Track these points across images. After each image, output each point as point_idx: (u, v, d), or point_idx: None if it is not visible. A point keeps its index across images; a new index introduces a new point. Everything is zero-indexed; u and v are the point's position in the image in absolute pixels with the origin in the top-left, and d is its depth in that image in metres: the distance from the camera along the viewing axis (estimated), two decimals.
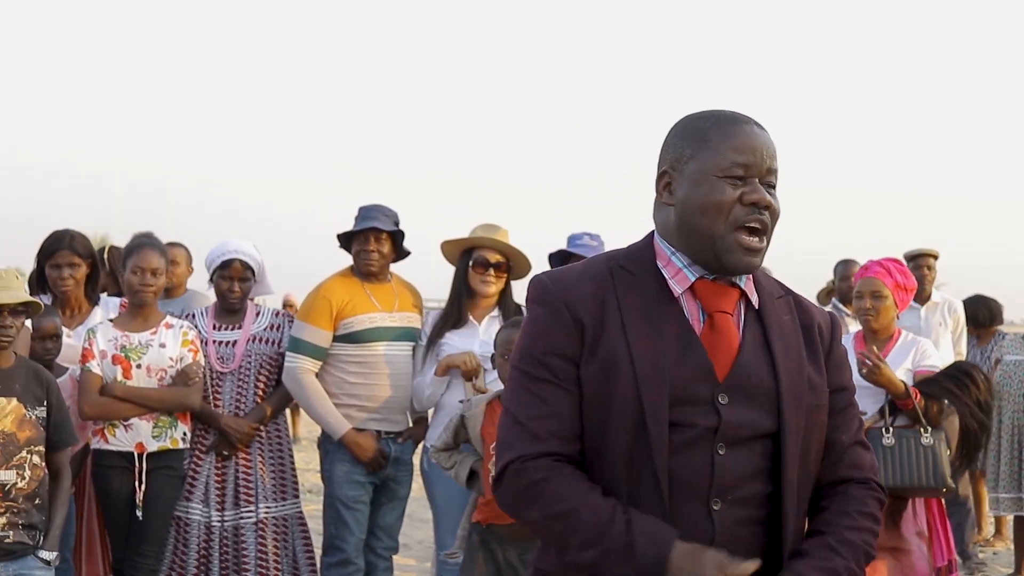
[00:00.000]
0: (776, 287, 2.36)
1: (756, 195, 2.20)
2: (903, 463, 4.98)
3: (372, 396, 5.47)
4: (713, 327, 2.22)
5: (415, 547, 8.31)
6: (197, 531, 5.40)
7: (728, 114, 2.28)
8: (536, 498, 2.17)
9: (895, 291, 5.26)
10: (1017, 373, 7.78)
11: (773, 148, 2.26)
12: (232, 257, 5.52)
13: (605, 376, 2.17)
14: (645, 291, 2.23)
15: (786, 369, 2.23)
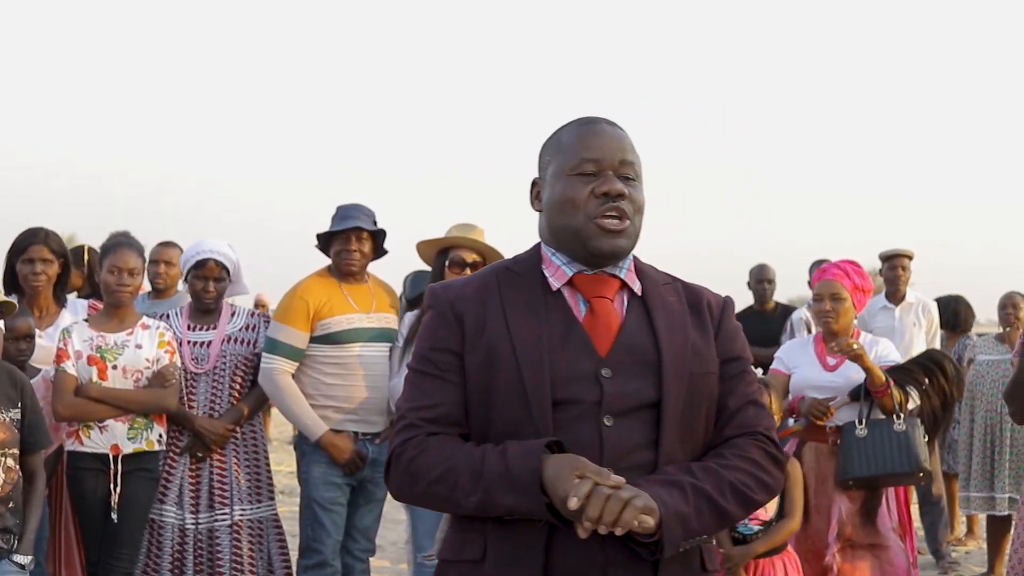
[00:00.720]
0: (663, 276, 2.48)
1: (607, 186, 2.33)
2: (877, 451, 5.02)
3: (349, 397, 5.43)
4: (593, 311, 2.35)
5: (389, 549, 8.28)
6: (171, 534, 5.35)
7: (581, 118, 2.44)
8: (417, 472, 2.28)
9: (853, 293, 5.31)
10: (990, 373, 7.83)
11: (625, 143, 2.40)
12: (207, 257, 5.47)
13: (489, 363, 2.30)
14: (528, 288, 2.37)
15: (668, 341, 2.33)
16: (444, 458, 2.26)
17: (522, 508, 2.19)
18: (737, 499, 2.29)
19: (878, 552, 5.05)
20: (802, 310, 8.02)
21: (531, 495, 2.16)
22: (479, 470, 2.21)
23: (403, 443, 2.31)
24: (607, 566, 2.23)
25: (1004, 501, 7.65)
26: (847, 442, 5.06)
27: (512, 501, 2.18)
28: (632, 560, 2.24)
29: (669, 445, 2.28)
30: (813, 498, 5.17)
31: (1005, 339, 7.94)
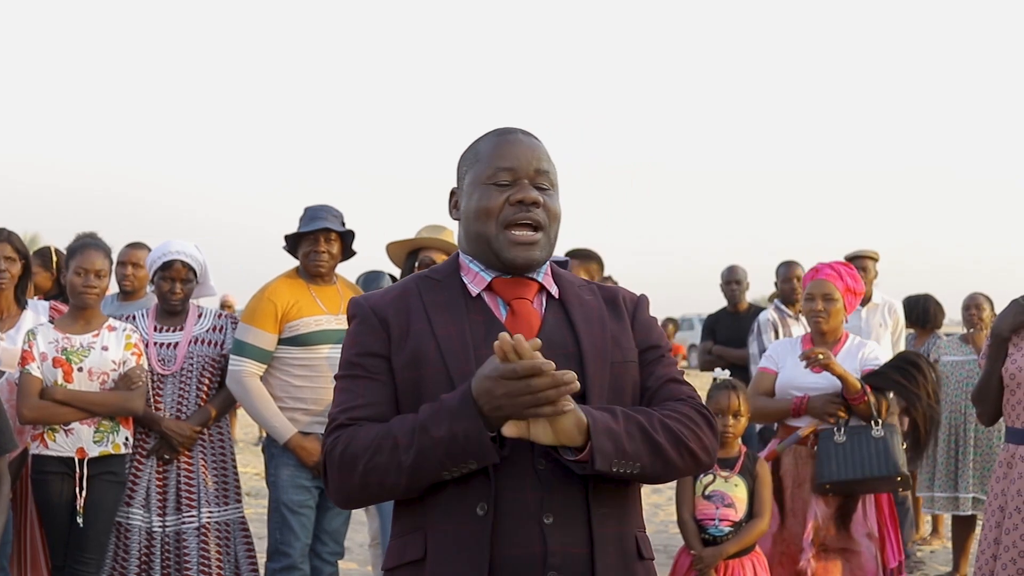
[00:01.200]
0: (578, 280, 2.53)
1: (521, 194, 2.37)
2: (855, 457, 5.02)
3: (318, 399, 5.40)
4: (514, 312, 2.40)
5: (357, 551, 8.26)
6: (138, 537, 5.32)
7: (498, 129, 2.49)
8: (353, 457, 2.26)
9: (845, 294, 5.31)
10: (954, 374, 7.88)
11: (540, 152, 2.43)
12: (173, 258, 5.44)
13: (416, 363, 2.32)
14: (449, 292, 2.42)
15: (587, 333, 2.38)
16: (378, 430, 2.26)
17: (460, 435, 2.16)
18: (670, 437, 2.30)
19: (849, 556, 5.06)
20: (769, 311, 8.05)
21: (466, 416, 2.15)
22: (412, 424, 2.22)
23: (332, 442, 2.31)
24: (547, 556, 2.24)
25: (968, 501, 7.71)
26: (825, 447, 5.06)
27: (447, 430, 2.16)
28: (572, 549, 2.25)
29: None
30: (789, 501, 5.18)
31: (969, 340, 8.00)
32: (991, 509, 4.60)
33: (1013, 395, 4.56)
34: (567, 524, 2.25)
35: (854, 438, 5.05)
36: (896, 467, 5.02)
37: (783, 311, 7.98)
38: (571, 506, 2.27)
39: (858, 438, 5.05)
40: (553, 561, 2.24)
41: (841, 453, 5.03)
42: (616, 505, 2.34)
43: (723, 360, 8.40)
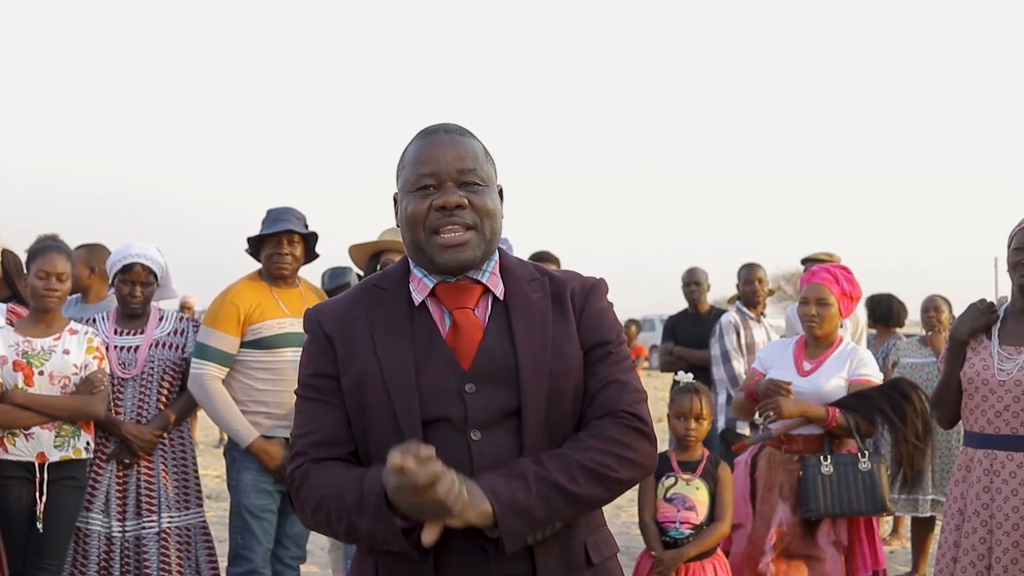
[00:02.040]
0: (530, 271, 2.48)
1: (442, 198, 2.34)
2: (842, 491, 5.01)
3: (280, 403, 5.37)
4: (456, 324, 2.37)
5: (319, 554, 8.22)
6: (97, 542, 5.28)
7: (424, 128, 2.45)
8: (302, 501, 2.33)
9: (841, 299, 5.30)
10: (914, 376, 7.89)
11: (464, 151, 2.38)
12: (133, 261, 5.40)
13: (360, 386, 2.33)
14: (395, 304, 2.40)
15: (525, 344, 2.34)
16: (319, 486, 2.29)
17: (378, 532, 2.20)
18: (592, 480, 2.28)
19: (814, 564, 5.07)
20: (731, 313, 8.08)
21: (383, 519, 2.17)
22: (344, 497, 2.24)
23: (291, 472, 2.36)
24: (489, 571, 2.27)
25: (927, 503, 7.77)
26: (812, 477, 5.02)
27: (367, 526, 2.20)
28: (515, 567, 2.28)
29: (532, 450, 2.29)
30: (759, 505, 5.19)
31: (928, 342, 8.06)
32: (951, 512, 4.63)
33: (971, 399, 4.59)
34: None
35: (840, 469, 5.04)
36: (882, 504, 5.04)
37: (745, 313, 8.02)
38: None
39: (844, 470, 5.04)
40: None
41: (828, 486, 5.01)
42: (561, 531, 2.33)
43: (684, 361, 8.43)
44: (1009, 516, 4.38)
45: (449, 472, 2.10)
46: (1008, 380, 4.47)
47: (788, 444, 5.18)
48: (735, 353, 7.70)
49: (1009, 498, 4.40)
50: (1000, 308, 4.70)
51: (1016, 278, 4.54)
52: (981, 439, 4.54)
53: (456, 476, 2.12)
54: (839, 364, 5.27)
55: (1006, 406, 4.46)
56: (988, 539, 4.44)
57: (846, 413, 5.08)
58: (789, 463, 5.16)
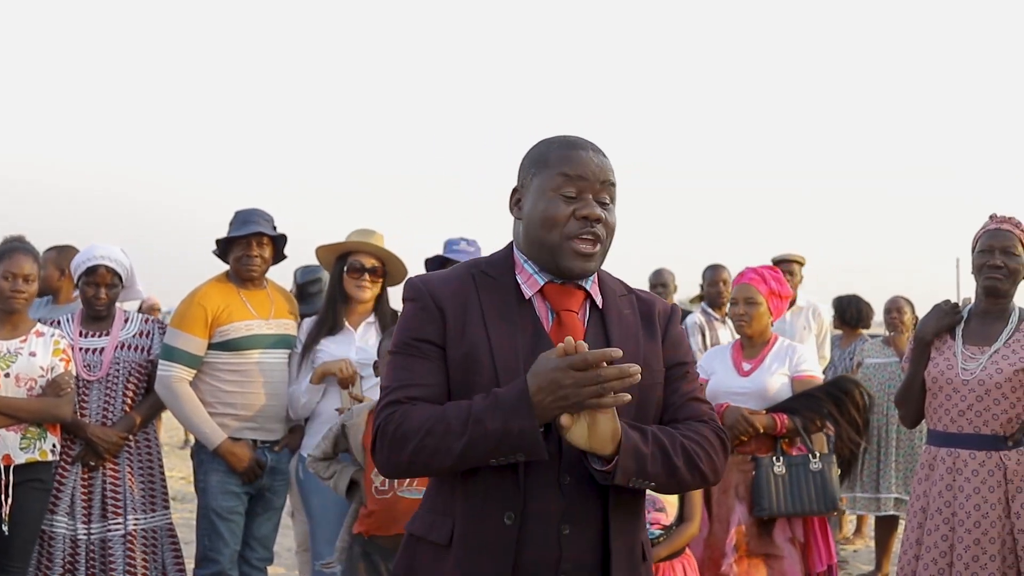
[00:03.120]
0: (620, 287, 2.65)
1: (586, 210, 2.47)
2: (794, 490, 5.07)
3: (248, 405, 5.36)
4: (560, 323, 2.51)
5: (285, 555, 8.20)
6: (62, 545, 5.24)
7: (570, 139, 2.57)
8: (405, 436, 2.37)
9: (769, 298, 5.35)
10: (876, 376, 7.99)
11: (606, 169, 2.53)
12: (98, 263, 5.37)
13: (467, 365, 2.43)
14: (503, 293, 2.52)
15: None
16: (432, 412, 2.37)
17: (514, 427, 2.27)
18: (686, 460, 2.45)
19: (772, 561, 5.11)
20: (696, 314, 8.10)
21: (522, 414, 2.27)
22: (467, 412, 2.33)
23: (387, 416, 2.42)
24: (560, 562, 2.41)
25: (889, 501, 7.84)
26: (764, 476, 5.08)
27: (501, 424, 2.28)
28: (584, 557, 2.43)
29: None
30: (715, 507, 5.22)
31: (891, 343, 8.12)
32: (913, 510, 4.68)
33: (935, 398, 4.64)
34: (583, 535, 2.43)
35: (792, 470, 5.10)
36: (833, 503, 5.11)
37: (710, 314, 8.05)
38: (589, 518, 2.44)
39: (796, 470, 5.10)
40: (565, 567, 2.41)
41: (780, 486, 5.07)
42: (630, 519, 2.51)
43: None
44: (971, 514, 4.43)
45: (618, 353, 2.25)
46: (971, 380, 4.52)
47: (740, 446, 5.22)
48: (701, 354, 7.73)
49: (971, 496, 4.45)
50: (964, 309, 4.75)
51: (982, 280, 4.59)
52: (944, 438, 4.59)
53: None
54: (779, 361, 5.32)
55: (969, 405, 4.51)
56: (950, 536, 4.49)
57: (793, 416, 5.15)
58: (742, 464, 5.20)
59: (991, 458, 4.48)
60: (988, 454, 4.49)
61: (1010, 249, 4.55)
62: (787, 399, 5.23)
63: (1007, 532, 4.43)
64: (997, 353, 4.55)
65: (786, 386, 5.27)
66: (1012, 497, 4.45)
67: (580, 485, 2.42)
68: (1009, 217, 4.61)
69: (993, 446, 4.49)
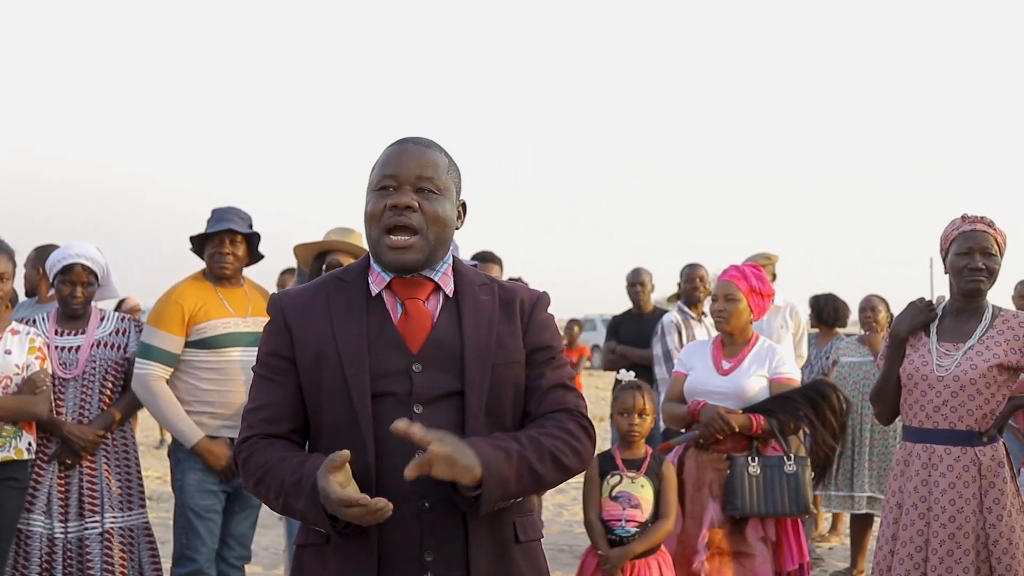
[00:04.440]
0: (480, 278, 2.75)
1: (394, 198, 2.58)
2: (767, 491, 5.09)
3: (225, 403, 5.36)
4: (407, 312, 2.64)
5: (262, 554, 8.19)
6: (39, 544, 5.23)
7: (400, 139, 2.69)
8: (247, 473, 2.60)
9: (750, 296, 5.35)
10: (852, 375, 8.03)
11: (426, 160, 2.63)
12: (73, 262, 5.36)
13: (316, 363, 2.59)
14: (352, 293, 2.65)
15: (473, 337, 2.61)
16: (263, 462, 2.57)
17: (309, 514, 2.47)
18: (554, 465, 2.58)
19: (743, 560, 5.13)
20: (672, 312, 8.13)
21: (315, 505, 2.44)
22: (284, 478, 2.51)
23: (239, 445, 2.64)
24: (423, 537, 2.53)
25: (863, 500, 7.88)
26: (738, 476, 5.10)
27: (302, 507, 2.48)
28: (447, 541, 2.55)
29: (473, 428, 2.55)
30: (689, 505, 5.24)
31: (865, 342, 8.16)
32: (889, 506, 4.71)
33: (910, 394, 4.67)
34: (443, 510, 2.55)
35: (767, 471, 5.13)
36: (806, 506, 5.13)
37: (686, 313, 8.07)
38: (448, 493, 2.52)
39: (771, 472, 5.12)
40: (429, 542, 2.54)
41: (754, 486, 5.09)
42: None
43: (626, 360, 8.46)
44: (946, 509, 4.47)
45: (364, 500, 2.38)
46: (946, 376, 4.56)
47: (716, 444, 5.23)
48: (677, 352, 7.74)
49: (946, 491, 4.49)
50: (938, 307, 4.79)
51: (964, 282, 4.61)
52: (919, 434, 4.62)
53: (453, 438, 2.41)
54: (758, 362, 5.33)
55: (944, 401, 4.55)
56: (925, 531, 4.52)
57: (769, 418, 5.17)
58: (717, 462, 5.22)
59: (966, 453, 4.52)
60: (963, 449, 4.52)
61: (988, 250, 4.59)
62: (764, 400, 5.25)
63: (981, 527, 4.47)
64: (971, 350, 4.58)
65: (764, 388, 5.28)
66: (985, 492, 4.49)
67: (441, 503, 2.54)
68: (981, 217, 4.65)
69: (968, 442, 4.53)
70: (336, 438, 2.55)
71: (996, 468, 4.52)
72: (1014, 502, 4.53)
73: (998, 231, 4.62)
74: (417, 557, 2.53)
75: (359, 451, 2.50)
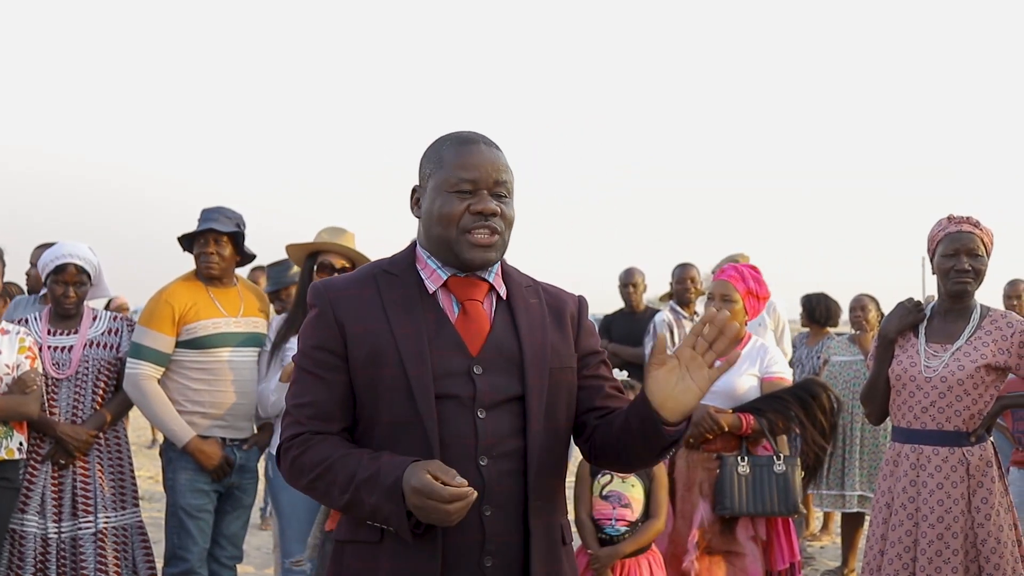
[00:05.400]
0: (525, 279, 2.74)
1: (480, 205, 2.55)
2: (757, 491, 5.10)
3: (217, 403, 5.37)
4: (465, 313, 2.59)
5: (254, 554, 8.20)
6: (33, 544, 5.23)
7: (463, 135, 2.64)
8: (300, 469, 2.52)
9: (746, 297, 5.34)
10: (843, 374, 8.05)
11: (500, 163, 2.60)
12: (66, 262, 5.37)
13: (373, 361, 2.51)
14: (406, 288, 2.59)
15: (530, 341, 2.60)
16: (324, 458, 2.48)
17: (385, 509, 2.39)
18: None
19: (734, 559, 5.14)
20: (664, 312, 8.15)
21: (394, 500, 2.37)
22: (354, 471, 2.43)
23: (289, 439, 2.55)
24: (484, 543, 2.49)
25: (854, 498, 7.90)
26: (728, 475, 5.11)
27: (375, 502, 2.40)
28: (507, 538, 2.52)
29: (535, 433, 2.54)
30: (679, 504, 5.24)
31: (856, 341, 8.17)
32: (878, 506, 4.72)
33: (899, 395, 4.69)
34: (504, 516, 2.52)
35: (757, 471, 5.13)
36: (795, 506, 5.14)
37: (678, 312, 8.09)
38: (510, 499, 2.52)
39: (760, 471, 5.13)
40: (489, 547, 2.50)
41: (743, 486, 5.10)
42: (548, 498, 2.59)
43: (618, 358, 8.50)
44: (934, 509, 4.49)
45: (473, 494, 2.34)
46: (934, 377, 4.58)
47: (706, 444, 5.25)
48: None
49: (934, 491, 4.51)
50: (927, 307, 4.81)
51: (950, 284, 4.63)
52: (908, 434, 4.64)
53: None
54: (750, 361, 5.33)
55: (932, 402, 4.57)
56: (914, 532, 4.54)
57: (759, 417, 5.18)
58: (708, 461, 5.23)
59: (954, 454, 4.54)
60: (951, 450, 4.54)
61: (975, 251, 4.61)
62: (754, 399, 5.26)
63: (969, 527, 4.49)
64: (959, 350, 4.60)
65: (755, 387, 5.29)
66: (973, 492, 4.51)
67: (498, 465, 2.51)
68: (967, 217, 4.67)
69: (956, 442, 4.55)
70: (397, 438, 2.50)
71: (984, 468, 4.54)
72: (1002, 502, 4.55)
73: (984, 231, 4.64)
74: (477, 561, 2.50)
75: (423, 453, 2.45)
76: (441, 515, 2.32)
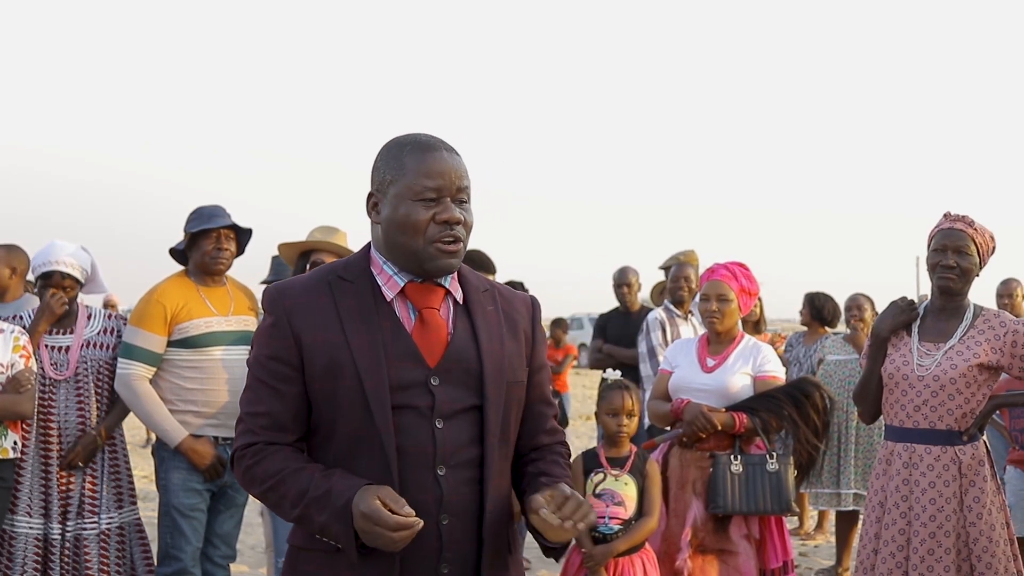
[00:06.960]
0: (482, 282, 2.73)
1: (446, 214, 2.53)
2: (750, 490, 5.10)
3: (209, 402, 5.35)
4: (423, 322, 2.57)
5: (248, 553, 8.20)
6: (30, 544, 5.22)
7: (422, 141, 2.59)
8: (253, 479, 2.54)
9: (739, 295, 5.36)
10: (837, 373, 8.06)
11: (462, 169, 2.58)
12: (51, 269, 5.37)
13: (330, 372, 2.50)
14: (361, 296, 2.56)
15: (489, 352, 2.60)
16: (275, 471, 2.50)
17: (332, 528, 2.42)
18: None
19: (727, 558, 5.14)
20: (658, 311, 8.13)
21: (343, 522, 2.39)
22: (306, 487, 2.46)
23: (243, 448, 2.56)
24: (442, 551, 2.52)
25: (849, 497, 7.91)
26: (721, 474, 5.12)
27: (326, 520, 2.42)
28: (462, 554, 2.54)
29: (491, 445, 2.57)
30: (673, 502, 5.25)
31: (851, 340, 8.18)
32: (871, 504, 4.72)
33: (892, 394, 4.69)
34: (461, 525, 2.55)
35: (749, 470, 5.14)
36: (788, 505, 5.15)
37: (672, 311, 8.07)
38: (467, 508, 2.56)
39: (753, 470, 5.14)
40: (447, 555, 2.53)
41: (736, 484, 5.10)
42: (502, 507, 2.64)
43: (613, 359, 8.49)
44: (927, 508, 4.49)
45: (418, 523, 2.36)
46: (927, 375, 4.58)
47: (699, 442, 5.25)
48: (661, 350, 7.74)
49: (927, 490, 4.51)
50: (920, 306, 4.81)
51: (936, 279, 4.64)
52: (901, 433, 4.64)
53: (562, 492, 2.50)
54: (743, 360, 5.34)
55: (924, 400, 4.57)
56: (907, 530, 4.54)
57: (752, 416, 5.18)
58: (701, 460, 5.23)
59: (946, 453, 4.54)
60: (943, 449, 4.54)
61: (963, 249, 4.61)
62: (748, 399, 5.26)
63: (961, 526, 4.49)
64: (952, 349, 4.60)
65: (748, 386, 5.29)
66: (965, 491, 4.51)
67: (456, 475, 2.53)
68: (963, 216, 4.67)
69: (948, 441, 4.55)
70: (355, 449, 2.50)
71: (976, 467, 4.54)
72: (994, 500, 4.55)
73: (978, 230, 4.64)
74: (434, 569, 2.52)
75: (381, 464, 2.46)
76: (386, 541, 2.35)
